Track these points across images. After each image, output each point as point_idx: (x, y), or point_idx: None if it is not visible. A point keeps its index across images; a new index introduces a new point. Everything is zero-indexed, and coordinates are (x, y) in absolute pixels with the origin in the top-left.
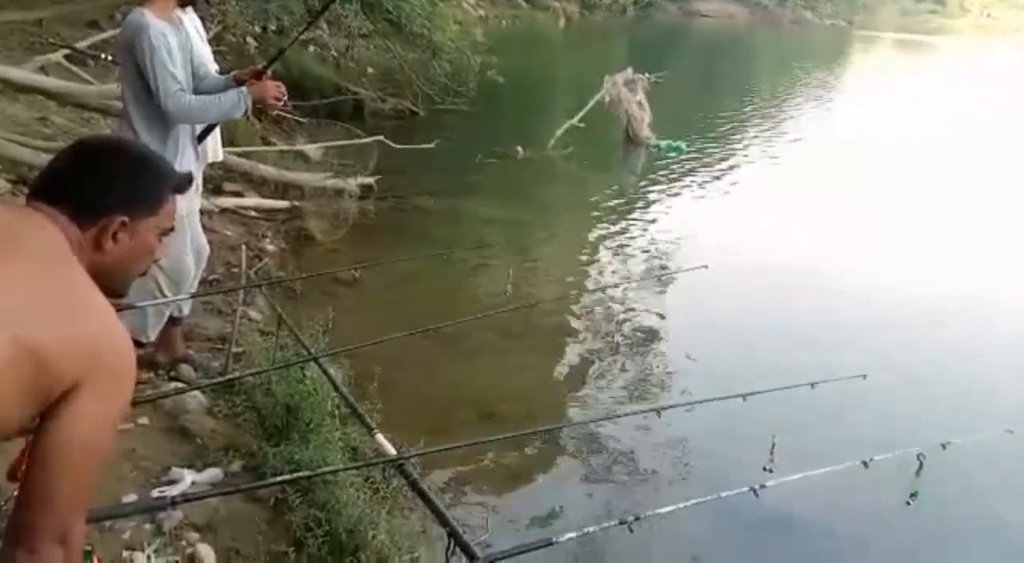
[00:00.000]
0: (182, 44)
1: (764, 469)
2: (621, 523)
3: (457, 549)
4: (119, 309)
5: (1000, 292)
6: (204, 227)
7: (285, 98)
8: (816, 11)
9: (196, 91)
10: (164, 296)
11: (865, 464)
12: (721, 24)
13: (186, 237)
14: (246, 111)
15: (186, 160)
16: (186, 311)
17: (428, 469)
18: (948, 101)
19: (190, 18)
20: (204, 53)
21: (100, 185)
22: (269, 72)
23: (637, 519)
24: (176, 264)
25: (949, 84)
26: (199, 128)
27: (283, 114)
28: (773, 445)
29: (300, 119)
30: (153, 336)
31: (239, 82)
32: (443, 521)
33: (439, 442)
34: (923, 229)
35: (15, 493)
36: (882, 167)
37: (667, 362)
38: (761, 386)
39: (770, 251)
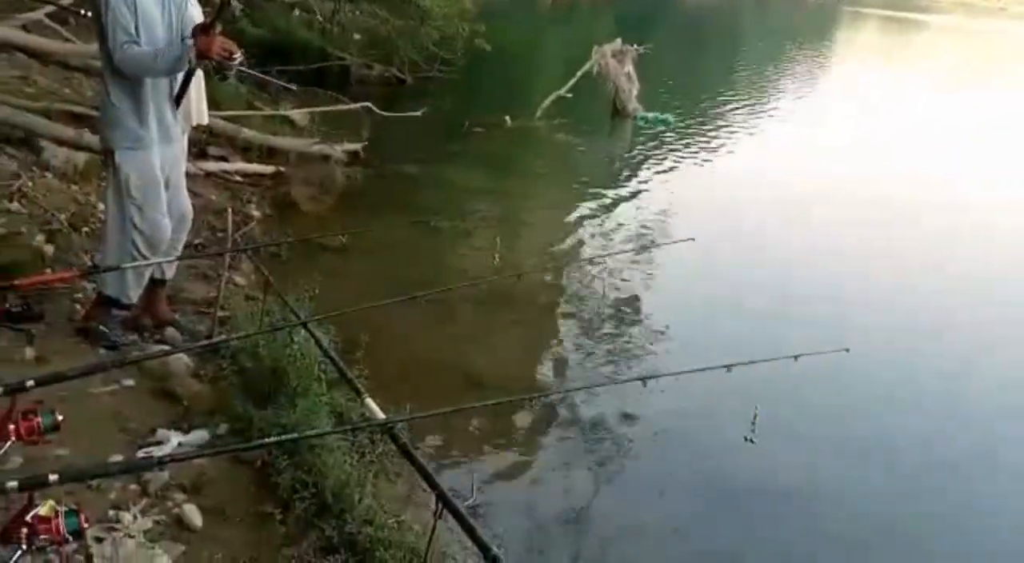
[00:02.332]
0: (165, 2)
1: (746, 439)
2: None
3: (445, 512)
4: (101, 270)
5: (991, 269)
6: (188, 190)
7: (238, 56)
8: None
9: None
10: (143, 257)
11: None
12: None
13: (161, 198)
14: (191, 65)
15: (166, 121)
16: (169, 274)
17: (416, 434)
18: (938, 80)
19: None
20: (196, 14)
21: None
22: (219, 27)
23: None
24: (152, 225)
25: (936, 64)
26: (175, 88)
27: (266, 79)
28: (755, 416)
29: (289, 86)
30: (135, 297)
31: (202, 49)
32: (432, 484)
33: (426, 408)
34: (911, 205)
35: None
36: (870, 143)
37: (652, 333)
38: (746, 358)
39: (757, 224)
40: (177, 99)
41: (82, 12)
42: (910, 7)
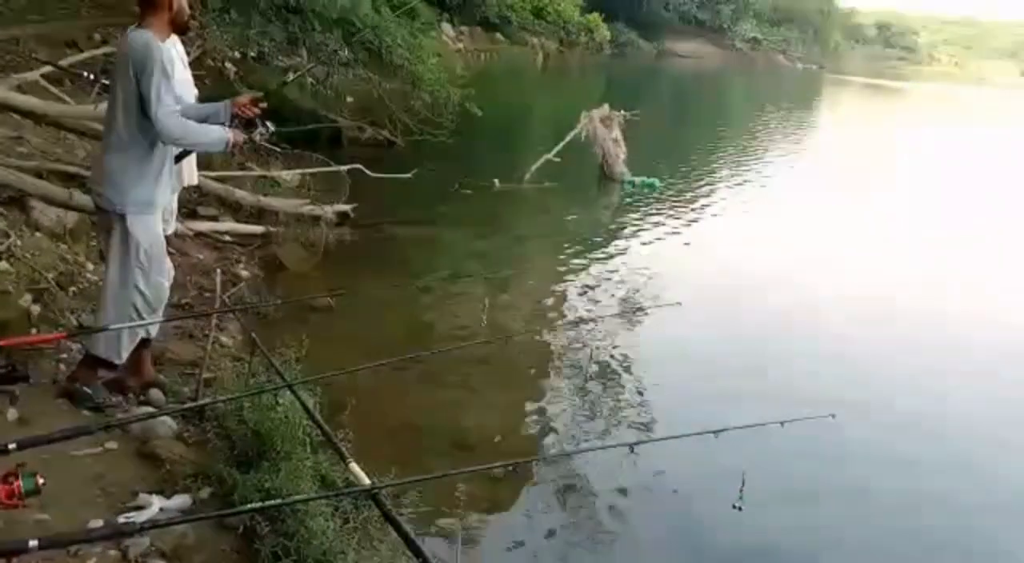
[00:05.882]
0: (172, 67)
1: (734, 507)
2: None
3: None
4: (92, 331)
5: (979, 330)
6: (177, 251)
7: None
8: (788, 55)
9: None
10: (141, 319)
11: None
12: (695, 64)
13: (164, 261)
14: (225, 149)
15: (165, 182)
16: (154, 333)
17: (400, 498)
18: (913, 144)
19: (176, 43)
20: (185, 78)
21: None
22: (263, 104)
23: None
24: (156, 289)
25: (913, 129)
26: (175, 151)
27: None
28: (743, 482)
29: (280, 148)
30: (125, 358)
31: (236, 105)
32: (415, 551)
33: (412, 472)
34: (896, 266)
35: None
36: (853, 207)
37: (640, 398)
38: (733, 423)
39: (743, 288)
40: (179, 157)
41: (85, 74)
42: (893, 76)
